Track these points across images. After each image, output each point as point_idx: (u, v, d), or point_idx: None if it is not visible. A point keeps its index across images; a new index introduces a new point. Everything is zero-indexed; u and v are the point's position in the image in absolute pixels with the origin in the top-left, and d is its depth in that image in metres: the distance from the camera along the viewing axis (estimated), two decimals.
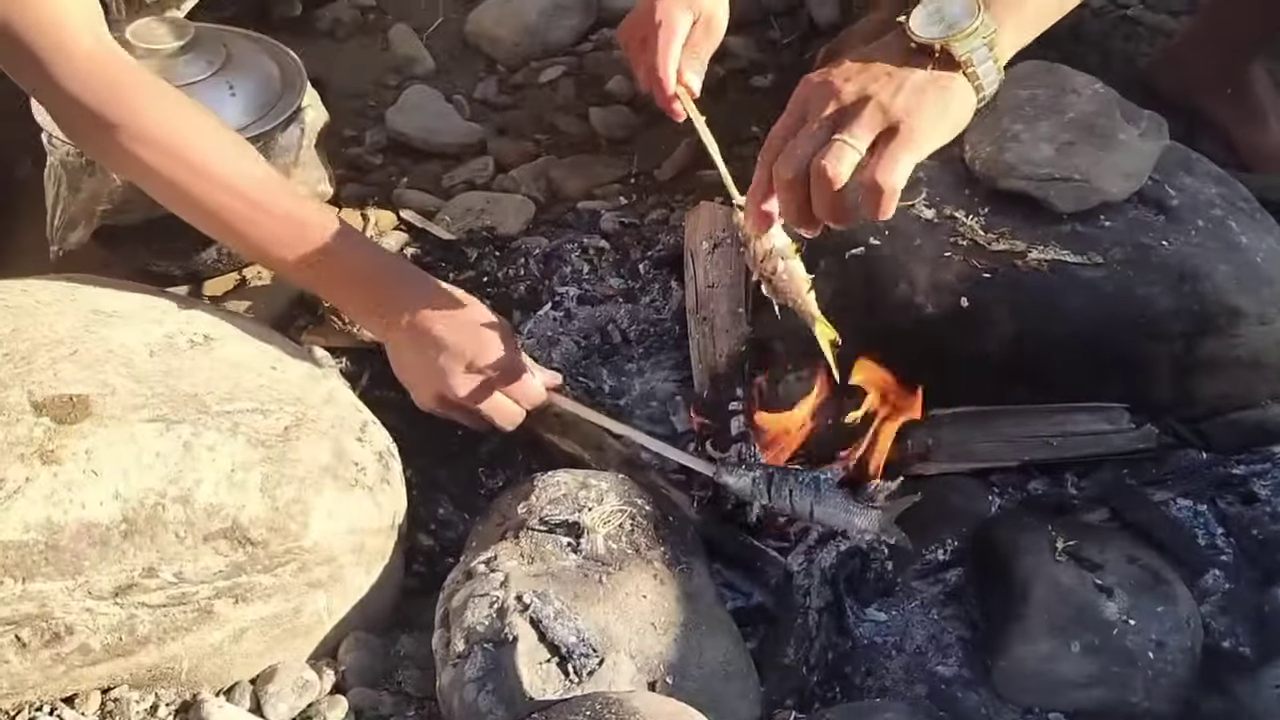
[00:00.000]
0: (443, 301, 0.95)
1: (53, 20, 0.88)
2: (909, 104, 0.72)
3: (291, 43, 1.25)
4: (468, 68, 1.55)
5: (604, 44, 1.58)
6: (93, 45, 0.91)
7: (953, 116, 0.74)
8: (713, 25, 1.07)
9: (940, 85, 0.73)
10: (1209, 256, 0.96)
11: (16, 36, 0.88)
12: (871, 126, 0.72)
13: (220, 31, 1.17)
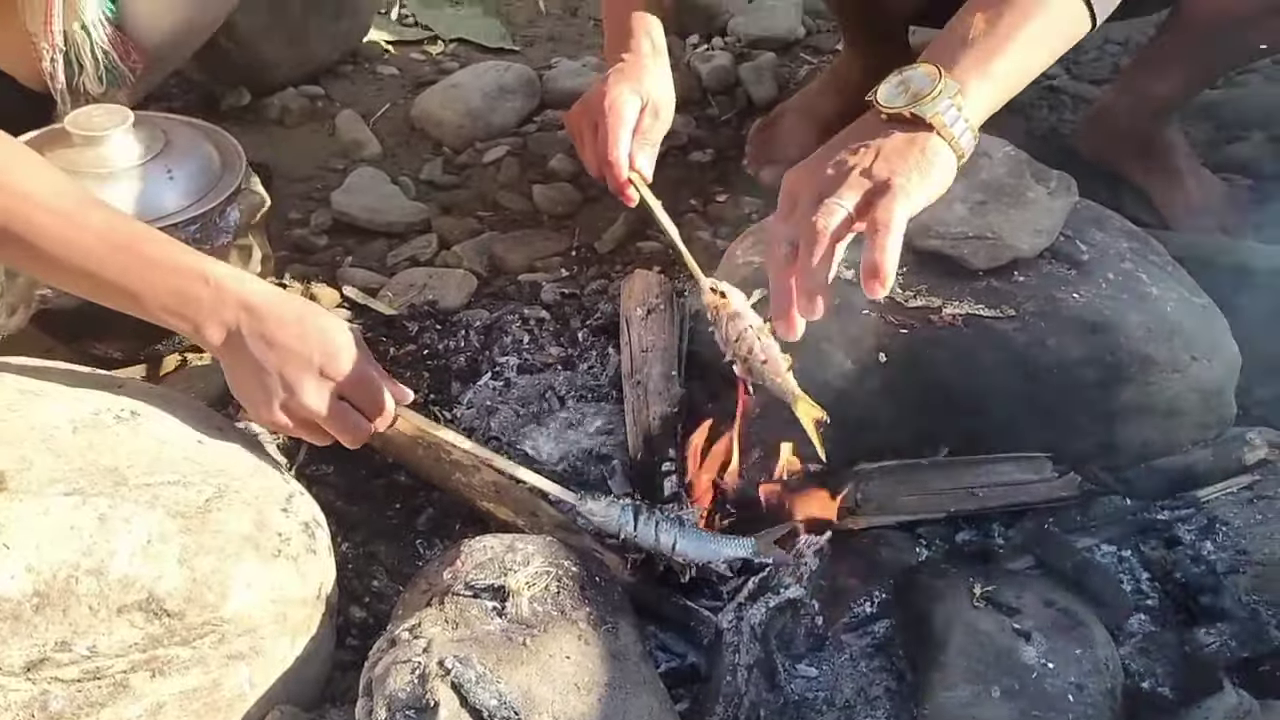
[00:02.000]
0: (286, 308, 0.85)
1: None
2: (892, 164, 0.77)
3: (241, 131, 1.28)
4: (414, 150, 1.59)
5: (547, 125, 1.62)
6: None
7: (936, 175, 0.77)
8: (661, 111, 1.10)
9: (918, 145, 0.77)
10: (1120, 307, 0.98)
11: None
12: (858, 188, 0.76)
13: (160, 118, 1.20)
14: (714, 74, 1.69)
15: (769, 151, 1.51)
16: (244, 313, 0.83)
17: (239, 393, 0.87)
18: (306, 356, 0.84)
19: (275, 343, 0.83)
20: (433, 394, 1.16)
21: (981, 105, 0.79)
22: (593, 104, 1.10)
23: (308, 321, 0.85)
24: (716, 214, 1.45)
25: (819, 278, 0.75)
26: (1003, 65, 0.79)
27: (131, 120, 1.12)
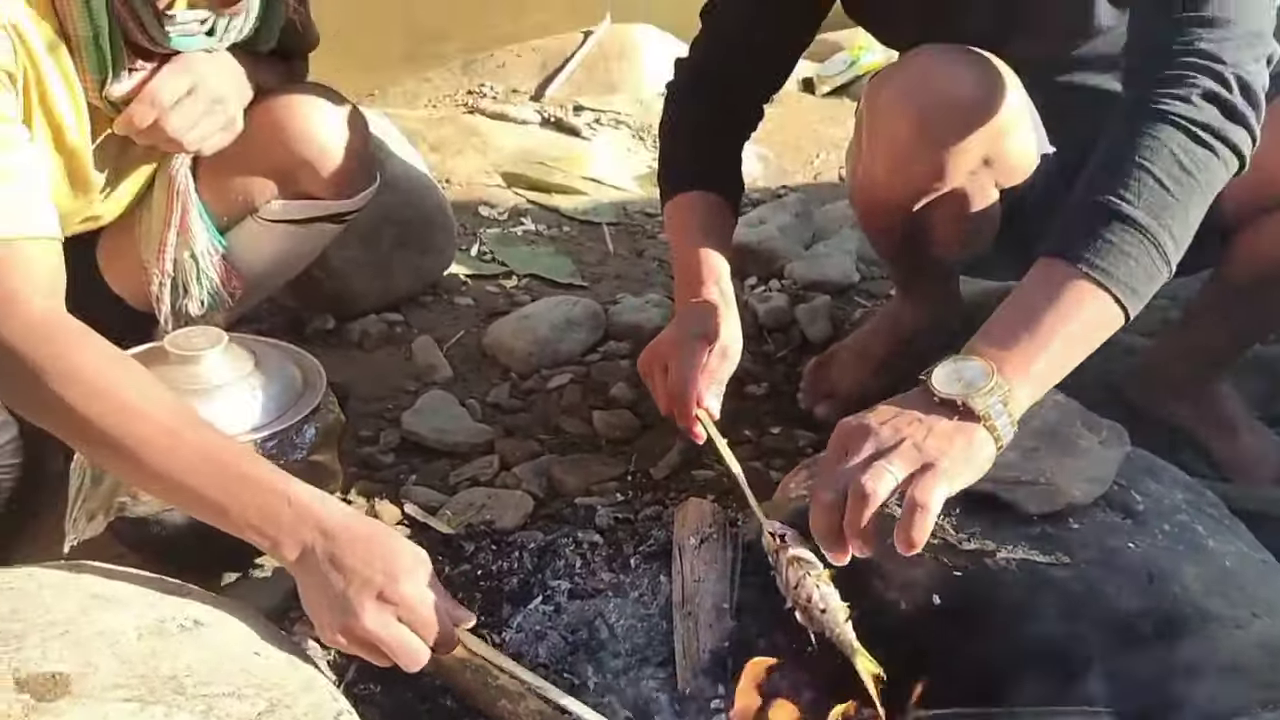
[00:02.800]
0: (358, 531, 0.90)
1: (13, 279, 0.94)
2: (940, 446, 0.84)
3: (324, 353, 1.36)
4: (483, 375, 1.67)
5: (610, 355, 1.70)
6: (44, 308, 0.95)
7: (977, 462, 0.85)
8: (729, 352, 1.18)
9: (965, 434, 0.85)
10: (1176, 559, 0.98)
11: None
12: (908, 461, 0.83)
13: (250, 340, 1.29)
14: (771, 313, 1.77)
15: (823, 388, 1.56)
16: (319, 534, 0.89)
17: (308, 609, 0.91)
18: (369, 578, 0.88)
19: (342, 565, 0.88)
20: (484, 615, 1.16)
21: (1024, 403, 0.87)
22: (663, 346, 1.17)
23: (375, 543, 0.90)
24: (770, 446, 1.48)
25: (866, 532, 0.83)
26: (1044, 366, 0.88)
27: (225, 342, 1.20)
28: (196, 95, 1.12)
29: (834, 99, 2.85)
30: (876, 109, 1.22)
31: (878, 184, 1.26)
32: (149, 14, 1.04)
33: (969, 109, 1.15)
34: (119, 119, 1.10)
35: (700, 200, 1.27)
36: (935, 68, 1.16)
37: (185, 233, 1.26)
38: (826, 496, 0.84)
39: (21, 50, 0.96)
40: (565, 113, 2.62)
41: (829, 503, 0.84)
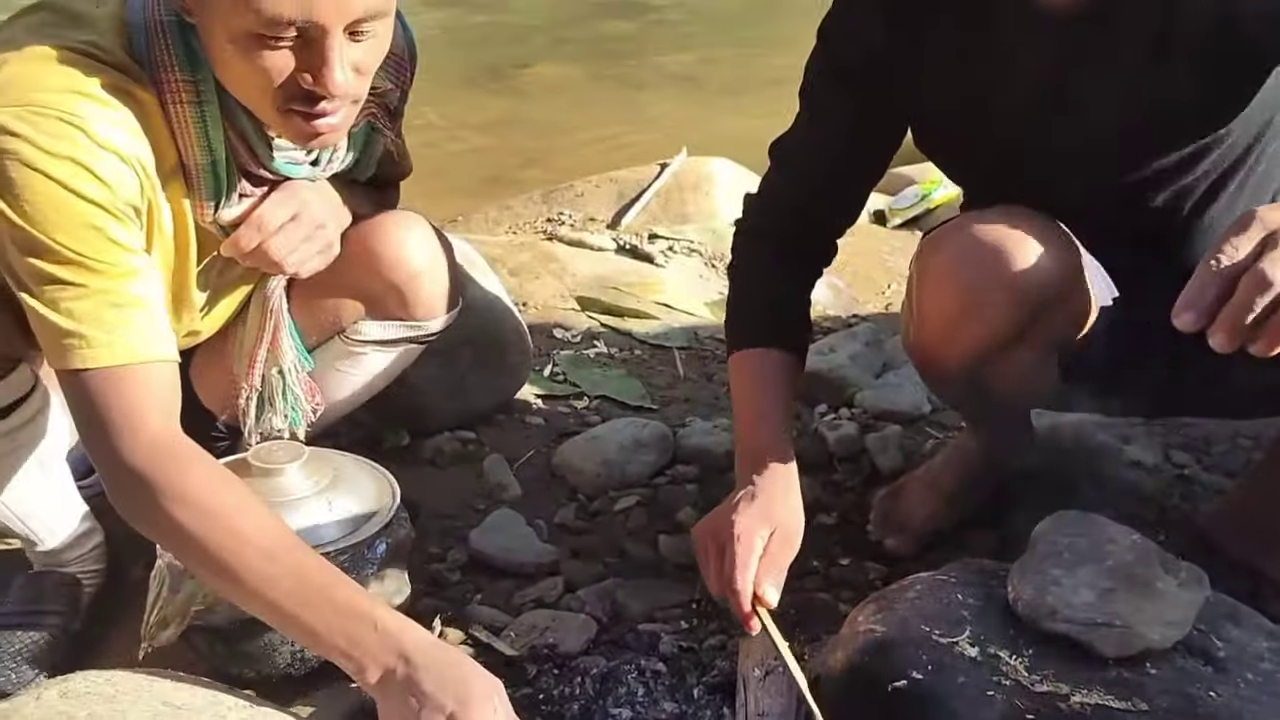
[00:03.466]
0: (436, 657, 0.97)
1: (132, 398, 1.01)
2: None
3: (398, 468, 1.40)
4: (551, 495, 1.68)
5: (677, 479, 1.70)
6: (160, 426, 1.02)
7: None
8: (789, 537, 1.17)
9: None
10: (1262, 712, 0.93)
11: (96, 403, 1.00)
12: None
13: (329, 453, 1.33)
14: (841, 442, 1.76)
15: (894, 520, 1.54)
16: (400, 660, 0.95)
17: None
18: (442, 704, 0.93)
19: (418, 690, 0.94)
20: None
21: None
22: (721, 528, 1.16)
23: (451, 670, 0.96)
24: (839, 577, 1.46)
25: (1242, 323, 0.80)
26: None
27: (305, 456, 1.25)
28: (300, 221, 1.19)
29: (905, 231, 2.89)
30: (927, 276, 1.22)
31: (930, 347, 1.26)
32: (261, 144, 1.12)
33: (1020, 284, 1.15)
34: (226, 242, 1.17)
35: (766, 360, 1.28)
36: (987, 237, 1.16)
37: (275, 349, 1.32)
38: (1264, 282, 0.79)
39: (146, 183, 1.04)
40: (640, 240, 2.69)
41: (1264, 290, 0.79)
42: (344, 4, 0.96)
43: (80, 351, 0.99)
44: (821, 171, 1.30)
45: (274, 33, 0.95)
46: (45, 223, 0.97)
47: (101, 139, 0.98)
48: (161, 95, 1.05)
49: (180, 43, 1.04)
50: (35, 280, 0.99)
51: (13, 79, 0.98)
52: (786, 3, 7.63)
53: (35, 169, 0.96)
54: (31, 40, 1.00)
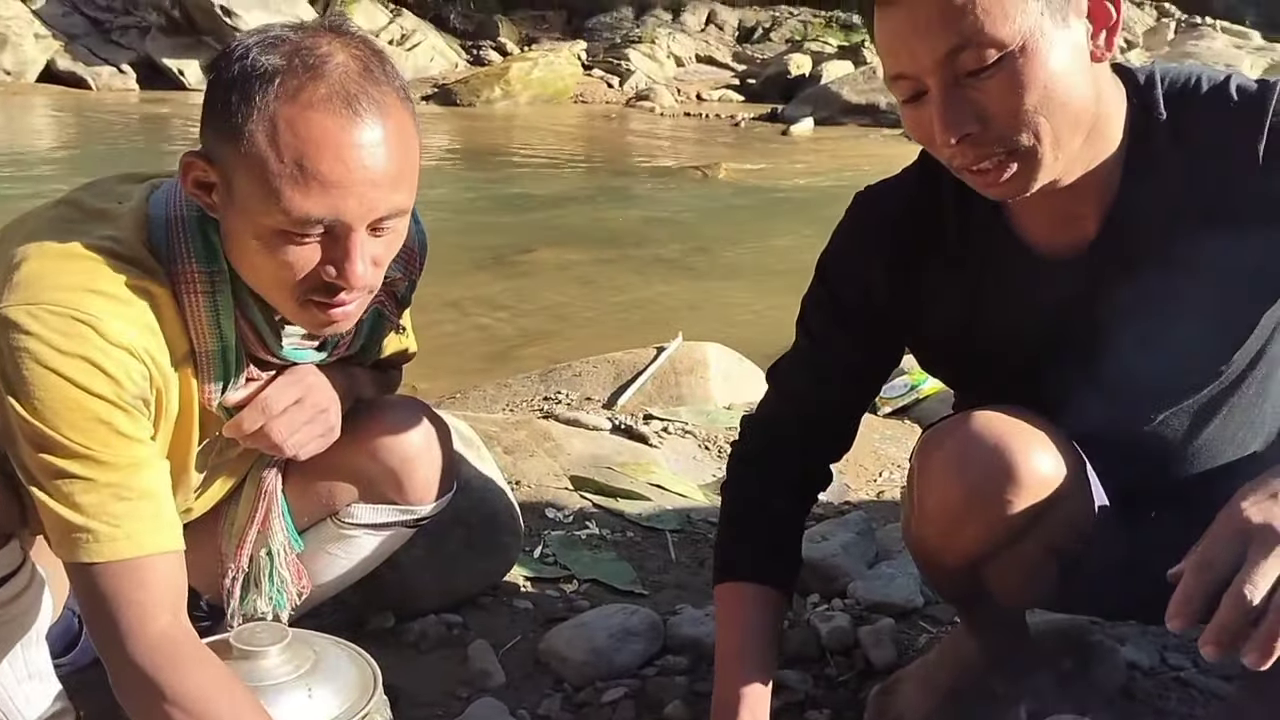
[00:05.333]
0: None
1: (138, 593, 1.02)
2: None
3: (380, 651, 1.37)
4: (536, 685, 1.64)
5: (666, 669, 1.66)
6: (168, 623, 1.04)
7: None
8: None
9: None
10: None
11: (103, 596, 1.02)
12: None
13: (311, 636, 1.31)
14: (833, 634, 1.73)
15: (888, 718, 1.50)
16: None
17: None
18: None
19: None
20: None
21: None
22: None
23: None
24: None
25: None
26: None
27: (287, 640, 1.22)
28: (303, 404, 1.21)
29: (896, 419, 2.93)
30: (927, 474, 1.23)
31: (930, 542, 1.27)
32: (270, 334, 1.15)
33: (1019, 483, 1.16)
34: (229, 424, 1.19)
35: (751, 598, 1.28)
36: (990, 434, 1.17)
37: (266, 530, 1.32)
38: (1245, 603, 0.85)
39: (156, 374, 1.07)
40: (635, 421, 2.72)
41: (1248, 610, 0.84)
42: (370, 205, 1.02)
43: (88, 545, 1.00)
44: (818, 401, 1.32)
45: (302, 230, 1.01)
46: (55, 419, 0.99)
47: (113, 336, 1.02)
48: (176, 286, 1.09)
49: (199, 236, 1.09)
50: (45, 474, 1.00)
51: (30, 276, 1.02)
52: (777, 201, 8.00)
53: (47, 367, 0.99)
54: (51, 235, 1.05)
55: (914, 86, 1.05)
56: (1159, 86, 1.13)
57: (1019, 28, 0.99)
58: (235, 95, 1.01)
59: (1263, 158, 1.08)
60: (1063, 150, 1.06)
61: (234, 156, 1.02)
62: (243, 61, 1.02)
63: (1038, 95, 1.01)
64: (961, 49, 1.00)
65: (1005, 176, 1.06)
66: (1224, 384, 1.23)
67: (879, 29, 1.06)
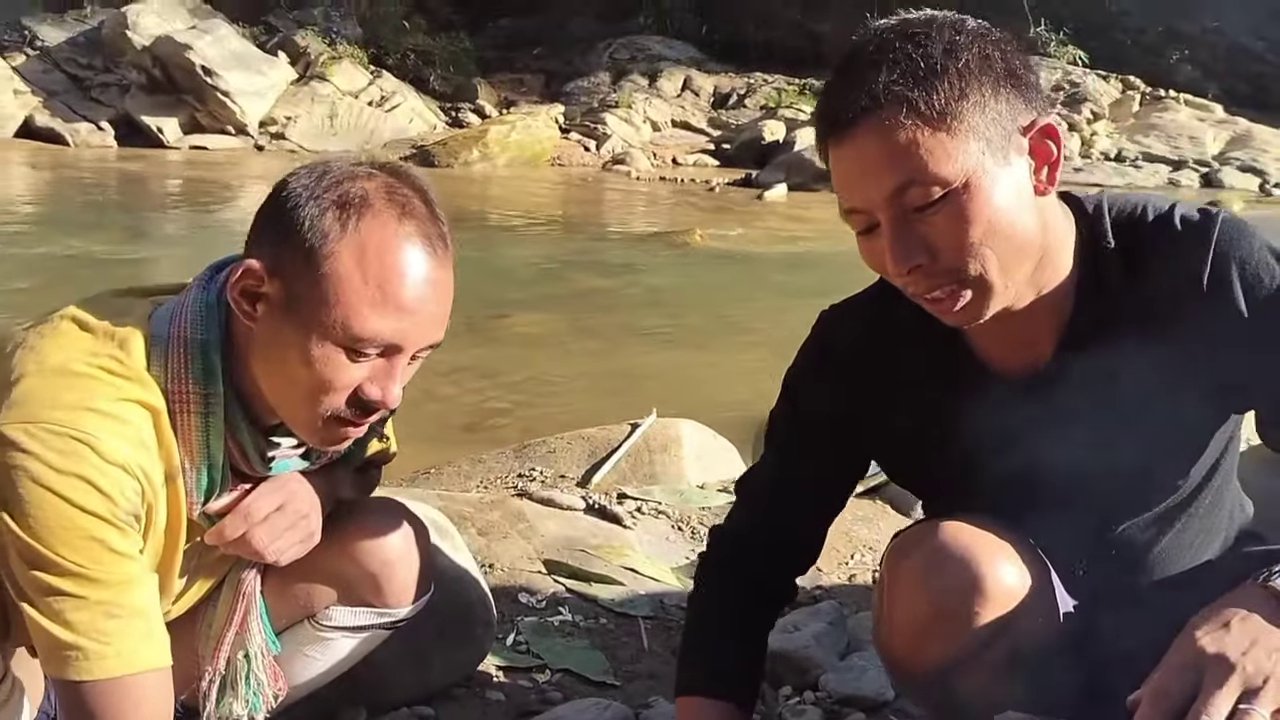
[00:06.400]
0: None
1: (125, 711, 1.05)
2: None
3: None
4: None
5: None
6: None
7: None
8: None
9: None
10: None
11: (91, 714, 1.05)
12: (1273, 703, 0.89)
13: None
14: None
15: None
16: None
17: None
18: None
19: None
20: None
21: None
22: None
23: None
24: None
25: None
26: None
27: None
28: (285, 511, 1.23)
29: (867, 499, 2.96)
30: (895, 585, 1.26)
31: (899, 650, 1.29)
32: (256, 455, 1.18)
33: (985, 596, 1.20)
34: (211, 531, 1.20)
35: (711, 714, 1.30)
36: (955, 546, 1.21)
37: (244, 633, 1.32)
38: (1157, 712, 0.91)
39: (148, 489, 1.09)
40: (609, 500, 2.74)
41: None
42: (425, 334, 1.12)
43: (77, 664, 1.02)
44: (784, 514, 1.36)
45: (362, 349, 1.06)
46: (50, 537, 1.01)
47: (109, 455, 1.04)
48: (171, 404, 1.12)
49: (199, 358, 1.12)
50: (36, 591, 1.02)
51: (28, 393, 1.04)
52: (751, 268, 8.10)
53: (43, 485, 1.01)
54: (49, 350, 1.07)
55: (866, 220, 1.11)
56: (1106, 216, 1.19)
57: (960, 167, 1.05)
58: (320, 214, 1.08)
59: (1206, 285, 1.13)
60: (1011, 279, 1.11)
61: (308, 271, 1.08)
62: (326, 185, 1.09)
63: (982, 229, 1.07)
64: (908, 186, 1.06)
65: (959, 305, 1.11)
66: (1181, 496, 1.28)
67: (833, 167, 1.12)
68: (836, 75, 1.12)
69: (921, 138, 1.05)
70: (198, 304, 1.14)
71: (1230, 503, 1.36)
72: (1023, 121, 1.10)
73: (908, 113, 1.05)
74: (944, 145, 1.05)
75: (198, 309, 1.14)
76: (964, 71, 1.06)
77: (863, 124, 1.07)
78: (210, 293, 1.16)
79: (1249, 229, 1.15)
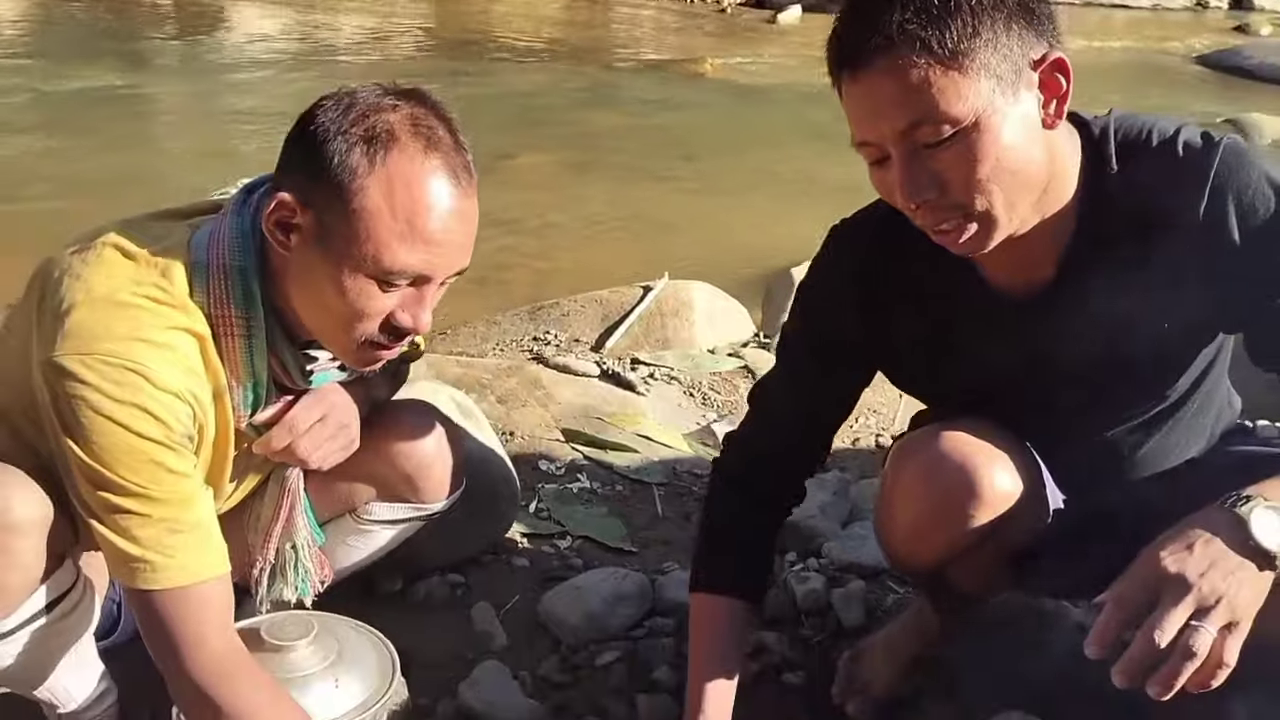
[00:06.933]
0: None
1: (192, 617, 1.14)
2: (1248, 603, 0.99)
3: (392, 615, 1.49)
4: (535, 647, 1.78)
5: (655, 631, 1.81)
6: (219, 642, 1.15)
7: (1258, 606, 1.00)
8: None
9: (1263, 584, 1.00)
10: None
11: (161, 620, 1.13)
12: (1223, 619, 0.98)
13: (336, 624, 1.43)
14: (808, 597, 1.88)
15: (855, 684, 1.65)
16: None
17: None
18: None
19: None
20: None
21: None
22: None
23: None
24: None
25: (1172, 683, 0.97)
26: None
27: (314, 633, 1.34)
28: (326, 421, 1.31)
29: None
30: (898, 486, 1.35)
31: (899, 547, 1.39)
32: (297, 370, 1.24)
33: (981, 500, 1.28)
34: (259, 442, 1.29)
35: (725, 611, 1.41)
36: (954, 454, 1.29)
37: (290, 526, 1.42)
38: (1161, 642, 0.97)
39: (198, 411, 1.16)
40: (623, 367, 2.82)
41: (1155, 651, 0.97)
42: (453, 263, 1.17)
43: (145, 574, 1.11)
44: (795, 423, 1.43)
45: (393, 280, 1.11)
46: (112, 461, 1.09)
47: (162, 383, 1.10)
48: (215, 328, 1.17)
49: (239, 284, 1.17)
50: (103, 510, 1.10)
51: (80, 324, 1.09)
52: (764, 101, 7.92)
53: (102, 414, 1.08)
54: (96, 279, 1.12)
55: (878, 153, 1.13)
56: (1112, 140, 1.21)
57: (972, 105, 1.07)
58: (348, 150, 1.11)
59: (1203, 216, 1.16)
60: (1016, 211, 1.15)
61: (338, 206, 1.12)
62: (353, 119, 1.12)
63: (990, 166, 1.10)
64: (919, 124, 1.08)
65: (964, 237, 1.15)
66: (1168, 403, 1.35)
67: (846, 101, 1.14)
68: (850, 8, 1.12)
69: (934, 76, 1.06)
70: (234, 230, 1.18)
71: (1218, 403, 1.43)
72: (1034, 55, 1.11)
73: (920, 51, 1.06)
74: (956, 84, 1.06)
75: (234, 235, 1.18)
76: (976, 8, 1.07)
77: (877, 62, 1.08)
78: (244, 218, 1.19)
79: (1248, 158, 1.17)
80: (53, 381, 1.09)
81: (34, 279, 1.19)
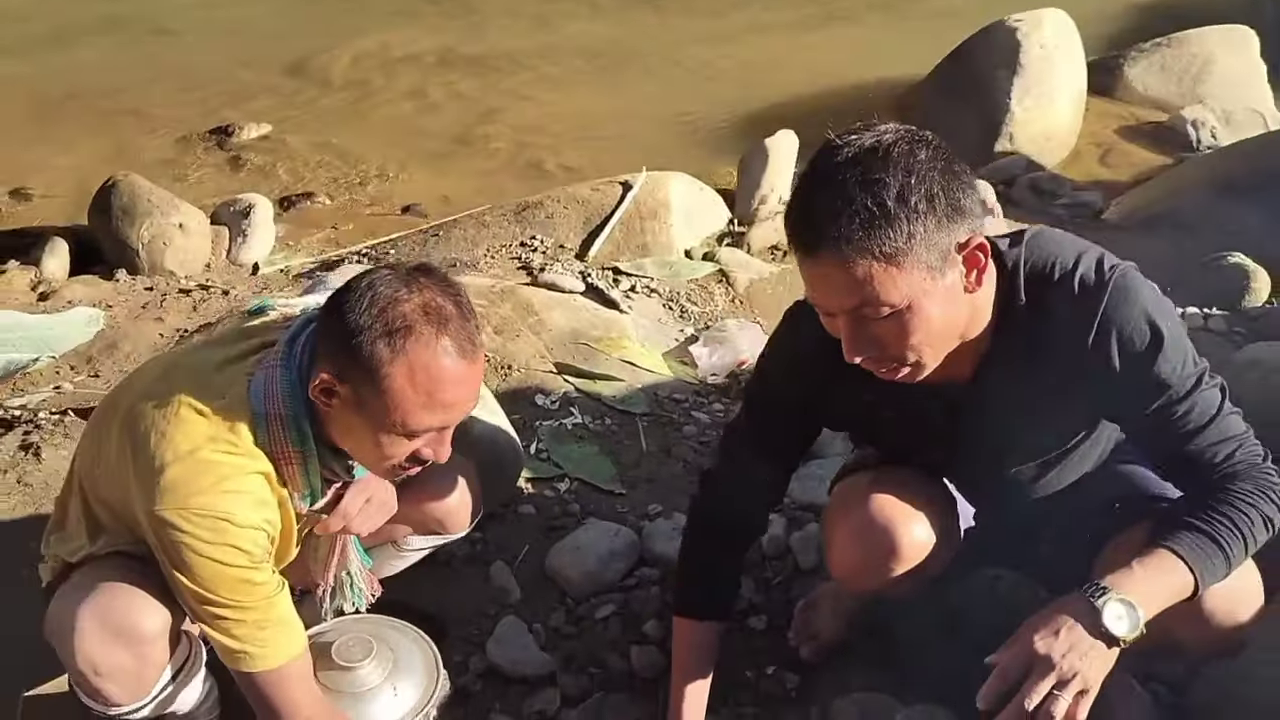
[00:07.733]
0: None
1: (286, 691, 1.48)
2: (1097, 676, 1.32)
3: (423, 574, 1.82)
4: (545, 599, 2.13)
5: (643, 581, 2.16)
6: (311, 702, 1.50)
7: (1106, 673, 1.32)
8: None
9: (1109, 659, 1.33)
10: None
11: (263, 694, 1.47)
12: (1077, 689, 1.31)
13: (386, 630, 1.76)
14: (771, 541, 2.22)
15: (808, 630, 2.02)
16: None
17: None
18: None
19: None
20: None
21: None
22: None
23: None
24: (766, 690, 1.94)
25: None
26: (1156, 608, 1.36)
27: (374, 651, 1.68)
28: (371, 503, 1.60)
29: None
30: (833, 539, 1.68)
31: (839, 579, 1.74)
32: (342, 470, 1.53)
33: (901, 557, 1.60)
34: (319, 526, 1.60)
35: (702, 631, 1.73)
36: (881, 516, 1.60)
37: (344, 558, 1.73)
38: (1023, 709, 1.30)
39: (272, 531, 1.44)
40: (605, 282, 3.04)
41: (1025, 714, 1.30)
42: (466, 412, 1.42)
43: (246, 661, 1.43)
44: (758, 465, 1.70)
45: (416, 434, 1.39)
46: (211, 585, 1.38)
47: (242, 521, 1.38)
48: (277, 462, 1.43)
49: (294, 429, 1.43)
50: (209, 618, 1.42)
51: (175, 483, 1.36)
52: None
53: (201, 555, 1.36)
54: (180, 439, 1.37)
55: (829, 313, 1.37)
56: (1021, 274, 1.44)
57: (905, 293, 1.31)
58: (372, 343, 1.34)
59: (1091, 343, 1.42)
60: (942, 354, 1.41)
61: (370, 386, 1.36)
62: (375, 314, 1.34)
63: (921, 334, 1.35)
64: (862, 306, 1.32)
65: (899, 376, 1.42)
66: (1061, 450, 1.64)
67: (801, 269, 1.36)
68: (804, 199, 1.32)
69: (876, 272, 1.29)
70: (284, 384, 1.42)
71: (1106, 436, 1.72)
72: (960, 240, 1.32)
73: (864, 254, 1.28)
74: (893, 278, 1.29)
75: (285, 389, 1.41)
76: (912, 216, 1.27)
77: (826, 256, 1.30)
78: (291, 371, 1.42)
79: (1133, 294, 1.41)
80: (158, 530, 1.37)
81: (115, 423, 1.43)
